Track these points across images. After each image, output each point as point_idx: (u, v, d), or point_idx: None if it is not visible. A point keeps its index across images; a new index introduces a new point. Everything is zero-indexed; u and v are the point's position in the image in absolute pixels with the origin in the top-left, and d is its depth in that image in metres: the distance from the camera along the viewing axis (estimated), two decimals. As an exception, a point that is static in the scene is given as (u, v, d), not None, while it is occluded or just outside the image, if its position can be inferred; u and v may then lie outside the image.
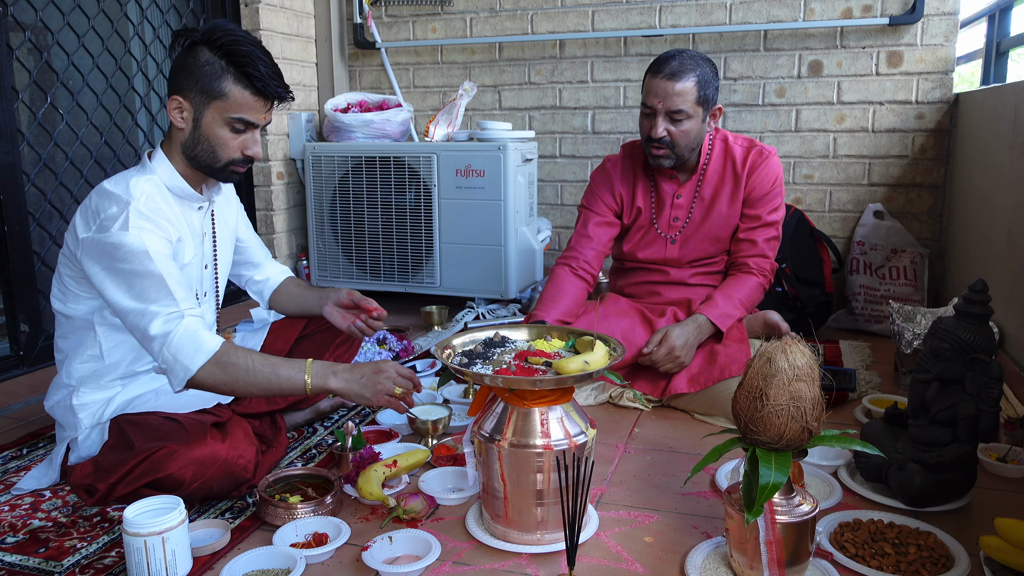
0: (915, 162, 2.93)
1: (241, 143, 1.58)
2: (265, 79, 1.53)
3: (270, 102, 1.58)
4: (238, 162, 1.60)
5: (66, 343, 1.65)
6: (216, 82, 1.51)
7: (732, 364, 1.98)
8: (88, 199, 1.54)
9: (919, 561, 1.29)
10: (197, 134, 1.56)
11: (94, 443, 1.62)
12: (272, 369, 1.48)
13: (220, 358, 1.45)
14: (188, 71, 1.53)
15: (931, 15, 2.81)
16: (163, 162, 1.60)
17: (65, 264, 1.59)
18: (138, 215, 1.48)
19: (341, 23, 3.50)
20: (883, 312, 2.82)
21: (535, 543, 1.38)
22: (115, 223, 1.46)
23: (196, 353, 1.44)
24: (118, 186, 1.52)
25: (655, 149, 2.10)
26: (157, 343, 1.44)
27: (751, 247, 2.17)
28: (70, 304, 1.60)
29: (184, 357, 1.44)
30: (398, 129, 3.20)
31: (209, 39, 1.52)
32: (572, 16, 3.22)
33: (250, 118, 1.56)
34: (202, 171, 1.61)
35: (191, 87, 1.53)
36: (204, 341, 1.45)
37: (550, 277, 2.22)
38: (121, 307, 1.47)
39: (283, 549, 1.33)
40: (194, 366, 1.43)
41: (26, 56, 2.32)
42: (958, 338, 1.48)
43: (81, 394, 1.62)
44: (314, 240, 3.24)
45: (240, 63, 1.51)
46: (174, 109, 1.55)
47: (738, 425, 1.26)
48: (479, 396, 1.49)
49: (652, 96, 2.05)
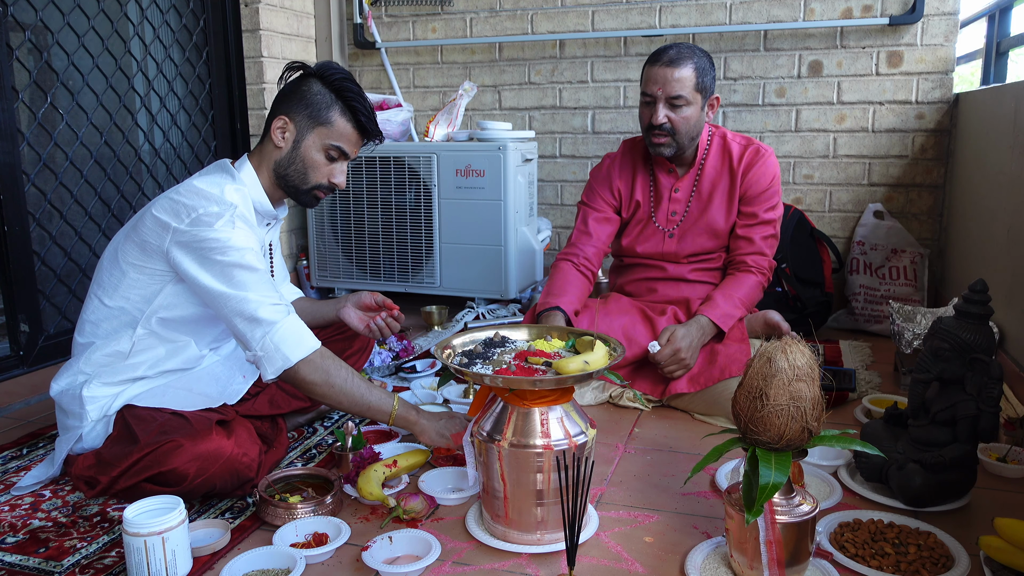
0: (915, 162, 2.93)
1: (330, 171, 1.70)
2: (368, 116, 1.68)
3: (364, 139, 1.72)
4: (323, 188, 1.72)
5: (98, 331, 1.65)
6: (325, 111, 1.65)
7: (732, 364, 1.98)
8: (175, 193, 1.59)
9: (919, 561, 1.29)
10: (295, 155, 1.67)
11: (98, 435, 1.61)
12: (367, 386, 1.60)
13: (323, 356, 1.55)
14: (299, 97, 1.66)
15: (931, 15, 2.81)
16: (251, 175, 1.69)
17: (130, 252, 1.60)
18: (241, 219, 1.58)
19: (341, 23, 3.50)
20: (883, 312, 2.82)
21: (535, 543, 1.38)
22: (219, 220, 1.54)
23: (299, 346, 1.52)
24: (213, 188, 1.60)
25: (655, 137, 2.12)
26: (263, 328, 1.51)
27: (748, 245, 2.17)
28: (122, 293, 1.62)
29: (287, 347, 1.51)
30: (398, 129, 3.20)
31: (323, 74, 1.66)
32: (572, 16, 3.22)
33: (345, 148, 1.69)
34: (287, 191, 1.72)
35: (299, 112, 1.65)
36: (308, 337, 1.55)
37: (553, 271, 2.23)
38: (218, 292, 1.52)
39: (283, 549, 1.33)
40: (295, 357, 1.51)
41: (26, 56, 2.32)
42: (958, 338, 1.48)
43: (92, 386, 1.61)
44: (314, 240, 3.25)
45: (348, 99, 1.66)
46: (278, 129, 1.66)
47: (738, 425, 1.26)
48: (479, 396, 1.49)
49: (651, 84, 2.08)
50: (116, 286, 1.62)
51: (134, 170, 2.74)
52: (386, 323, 1.89)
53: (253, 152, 1.72)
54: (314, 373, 1.53)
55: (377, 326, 1.88)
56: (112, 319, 1.64)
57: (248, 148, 3.20)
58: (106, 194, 2.60)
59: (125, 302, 1.62)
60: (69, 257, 2.46)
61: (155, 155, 2.87)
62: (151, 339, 1.65)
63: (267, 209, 1.72)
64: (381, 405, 1.60)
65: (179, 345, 1.68)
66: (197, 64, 3.01)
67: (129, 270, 1.61)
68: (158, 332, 1.65)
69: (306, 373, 1.53)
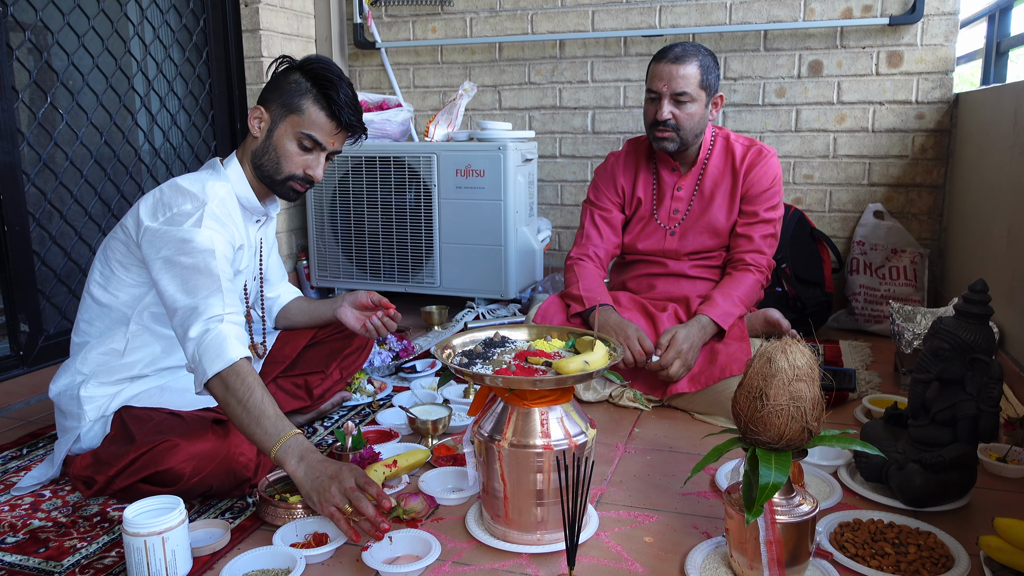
0: (915, 162, 2.93)
1: (304, 161, 1.66)
2: (341, 105, 1.63)
3: (341, 129, 1.67)
4: (298, 179, 1.68)
5: (92, 329, 1.66)
6: (297, 99, 1.63)
7: (732, 363, 1.98)
8: (158, 191, 1.60)
9: (919, 561, 1.29)
10: (268, 144, 1.66)
11: (96, 435, 1.62)
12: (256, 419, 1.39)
13: (229, 374, 1.41)
14: (276, 87, 1.65)
15: (931, 15, 2.81)
16: (236, 170, 1.69)
17: (117, 249, 1.62)
18: (211, 216, 1.55)
19: (341, 23, 3.50)
20: (883, 312, 2.82)
21: (535, 543, 1.38)
22: (188, 219, 1.52)
23: (216, 359, 1.41)
24: (194, 185, 1.59)
25: (660, 132, 2.13)
26: (192, 344, 1.44)
27: (748, 243, 2.18)
28: (111, 290, 1.63)
29: (206, 360, 1.42)
30: (398, 129, 3.20)
31: (304, 65, 1.65)
32: (572, 16, 3.22)
33: (318, 137, 1.64)
34: (264, 182, 1.70)
35: (274, 100, 1.65)
36: (227, 349, 1.42)
37: (578, 269, 2.23)
38: (172, 300, 1.49)
39: (283, 549, 1.33)
40: (211, 371, 1.41)
41: (26, 56, 2.32)
42: (958, 338, 1.48)
43: (90, 387, 1.62)
44: (314, 240, 3.25)
45: (323, 86, 1.63)
46: (254, 118, 1.66)
47: (738, 425, 1.26)
48: (479, 396, 1.49)
49: (657, 80, 2.10)
50: (106, 284, 1.64)
51: (134, 170, 2.74)
52: (382, 322, 1.88)
53: (239, 148, 1.73)
54: (217, 389, 1.41)
55: (373, 325, 1.88)
56: (104, 317, 1.65)
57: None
58: (106, 194, 2.60)
59: (115, 299, 1.63)
60: (69, 257, 2.46)
61: (155, 155, 2.87)
62: (145, 335, 1.65)
63: (254, 204, 1.71)
64: (263, 441, 1.39)
65: (173, 341, 1.68)
66: (197, 64, 3.01)
67: (116, 267, 1.62)
68: (151, 327, 1.65)
69: (213, 389, 1.42)
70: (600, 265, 2.27)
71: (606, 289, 2.21)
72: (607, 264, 2.31)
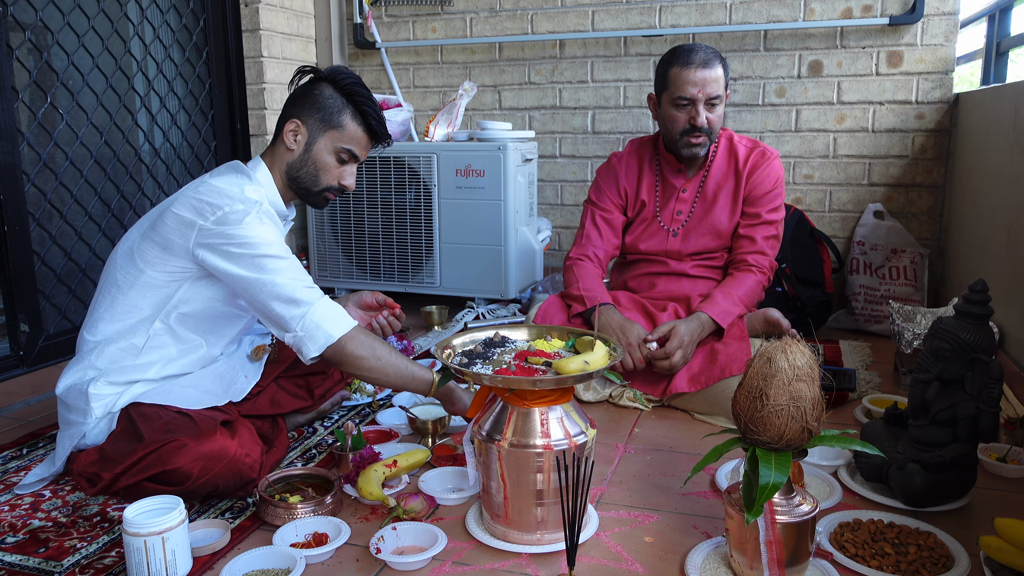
0: (915, 162, 2.93)
1: (340, 173, 1.74)
2: (379, 120, 1.73)
3: (373, 142, 1.77)
4: (333, 189, 1.76)
5: (114, 327, 1.65)
6: (336, 115, 1.70)
7: (732, 363, 1.98)
8: (195, 192, 1.61)
9: (919, 561, 1.29)
10: (307, 157, 1.71)
11: (101, 432, 1.61)
12: (407, 360, 1.64)
13: (364, 332, 1.60)
14: (311, 101, 1.70)
15: (931, 15, 2.81)
16: (265, 175, 1.72)
17: (149, 251, 1.62)
18: (267, 215, 1.64)
19: (341, 23, 3.50)
20: (883, 312, 2.82)
21: (535, 543, 1.38)
22: (246, 217, 1.57)
23: (339, 323, 1.56)
24: (233, 187, 1.62)
25: (694, 138, 2.14)
26: (301, 308, 1.55)
27: (750, 244, 2.18)
28: (138, 290, 1.63)
29: (328, 324, 1.55)
30: (398, 129, 3.20)
31: (334, 79, 1.71)
32: (572, 16, 3.22)
33: (356, 151, 1.73)
34: (298, 192, 1.76)
35: (311, 115, 1.70)
36: (346, 315, 1.59)
37: (577, 269, 2.23)
38: (253, 279, 1.55)
39: (283, 549, 1.33)
40: (337, 333, 1.55)
41: (26, 56, 2.32)
42: (958, 338, 1.48)
43: (100, 384, 1.62)
44: (314, 240, 3.25)
45: (359, 103, 1.71)
46: (290, 132, 1.70)
47: (738, 425, 1.26)
48: (479, 396, 1.49)
49: (689, 87, 2.08)
50: (132, 284, 1.63)
51: (134, 170, 2.74)
52: (387, 322, 1.91)
53: (265, 154, 1.75)
54: (360, 348, 1.57)
55: (379, 324, 1.90)
56: (128, 316, 1.64)
57: (248, 148, 3.20)
58: (106, 194, 2.61)
59: (141, 299, 1.63)
60: (69, 257, 2.46)
61: (155, 155, 2.87)
62: (166, 336, 1.66)
63: (280, 209, 1.76)
64: (424, 376, 1.64)
65: (191, 347, 1.69)
66: (197, 64, 3.01)
67: (146, 268, 1.62)
68: (175, 329, 1.66)
69: (353, 348, 1.57)
70: (599, 266, 2.27)
71: (605, 289, 2.21)
72: (606, 265, 2.31)
